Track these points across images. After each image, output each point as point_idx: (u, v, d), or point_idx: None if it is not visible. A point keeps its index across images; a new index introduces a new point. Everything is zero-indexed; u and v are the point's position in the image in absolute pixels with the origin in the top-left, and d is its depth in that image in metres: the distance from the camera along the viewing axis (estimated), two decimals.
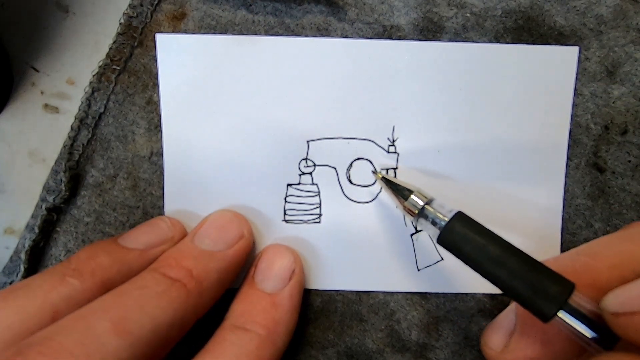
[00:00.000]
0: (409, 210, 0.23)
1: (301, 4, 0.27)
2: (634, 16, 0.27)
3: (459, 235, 0.21)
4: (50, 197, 0.26)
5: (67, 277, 0.22)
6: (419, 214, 0.23)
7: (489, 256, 0.20)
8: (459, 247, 0.21)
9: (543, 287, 0.19)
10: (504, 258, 0.20)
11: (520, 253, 0.20)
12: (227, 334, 0.23)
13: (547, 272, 0.19)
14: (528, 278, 0.19)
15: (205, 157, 0.27)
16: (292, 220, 0.27)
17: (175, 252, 0.24)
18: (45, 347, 0.18)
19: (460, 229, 0.21)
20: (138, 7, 0.26)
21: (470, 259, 0.21)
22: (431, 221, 0.22)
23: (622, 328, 0.17)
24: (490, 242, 0.20)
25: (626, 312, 0.17)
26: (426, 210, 0.23)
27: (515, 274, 0.19)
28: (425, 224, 0.23)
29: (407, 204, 0.23)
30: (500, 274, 0.20)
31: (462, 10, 0.27)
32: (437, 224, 0.22)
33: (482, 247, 0.20)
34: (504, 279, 0.20)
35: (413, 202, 0.23)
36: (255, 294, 0.25)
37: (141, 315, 0.20)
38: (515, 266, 0.20)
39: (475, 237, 0.21)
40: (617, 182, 0.27)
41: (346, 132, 0.27)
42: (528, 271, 0.19)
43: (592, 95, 0.27)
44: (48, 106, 0.28)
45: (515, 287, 0.19)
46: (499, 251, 0.20)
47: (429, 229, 0.23)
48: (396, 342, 0.28)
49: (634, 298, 0.17)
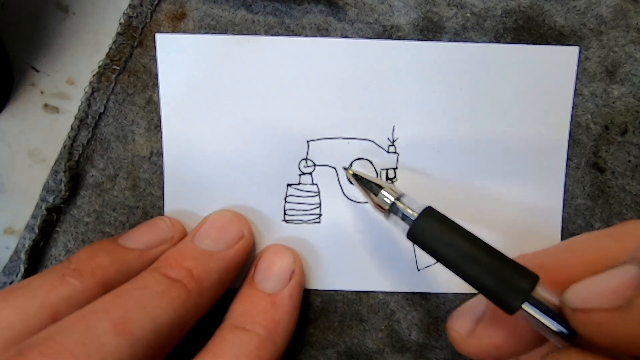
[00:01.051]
0: (379, 206, 0.23)
1: (301, 4, 0.27)
2: (634, 16, 0.27)
3: (428, 231, 0.21)
4: (50, 197, 0.26)
5: (67, 277, 0.22)
6: (390, 210, 0.23)
7: (456, 250, 0.20)
8: (427, 242, 0.21)
9: (508, 280, 0.19)
10: (471, 252, 0.20)
11: (487, 247, 0.20)
12: (227, 334, 0.23)
13: (513, 265, 0.20)
14: (494, 271, 0.19)
15: (205, 157, 0.27)
16: (292, 220, 0.27)
17: (175, 252, 0.24)
18: (46, 347, 0.18)
19: (429, 224, 0.21)
20: (138, 7, 0.26)
21: (438, 254, 0.21)
22: (401, 216, 0.22)
23: (578, 324, 0.17)
24: (458, 236, 0.21)
25: (584, 308, 0.17)
26: (396, 205, 0.23)
27: (482, 268, 0.20)
28: (396, 220, 0.23)
29: (377, 200, 0.23)
30: (468, 268, 0.20)
31: (462, 10, 0.27)
32: (407, 219, 0.22)
33: (450, 242, 0.20)
34: (471, 273, 0.20)
35: (383, 197, 0.23)
36: (255, 294, 0.25)
37: (142, 316, 0.20)
38: (482, 260, 0.20)
39: (444, 232, 0.21)
40: (617, 182, 0.27)
41: (346, 132, 0.27)
42: (494, 265, 0.19)
43: (592, 95, 0.27)
44: (48, 106, 0.28)
45: (482, 281, 0.20)
46: (466, 245, 0.20)
47: (399, 224, 0.23)
48: (396, 342, 0.28)
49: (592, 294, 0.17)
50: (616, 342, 0.16)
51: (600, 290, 0.16)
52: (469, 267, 0.20)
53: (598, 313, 0.16)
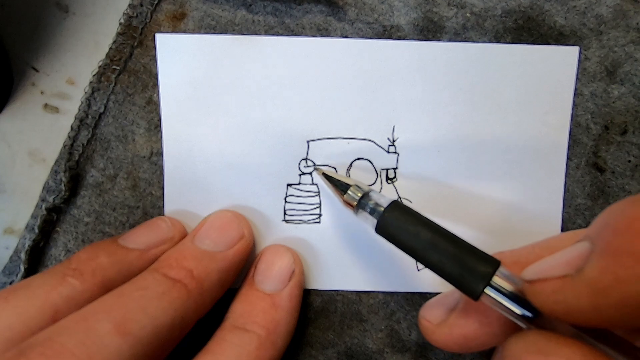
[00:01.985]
0: (348, 203, 0.24)
1: (301, 4, 0.27)
2: (634, 16, 0.27)
3: (394, 223, 0.22)
4: (50, 197, 0.26)
5: (68, 277, 0.22)
6: (358, 206, 0.24)
7: (421, 241, 0.21)
8: (394, 234, 0.22)
9: (470, 266, 0.20)
10: (435, 241, 0.21)
11: (451, 236, 0.21)
12: (227, 334, 0.23)
13: (475, 252, 0.20)
14: (457, 259, 0.20)
15: (205, 157, 0.27)
16: (292, 220, 0.27)
17: (175, 252, 0.24)
18: (47, 347, 0.18)
19: (395, 217, 0.22)
20: (138, 7, 0.26)
21: (405, 245, 0.22)
22: (369, 211, 0.23)
23: (535, 296, 0.17)
24: (423, 227, 0.21)
25: (539, 278, 0.17)
26: (364, 201, 0.23)
27: (446, 256, 0.20)
28: (365, 216, 0.23)
29: (346, 197, 0.24)
30: (432, 257, 0.21)
31: (462, 10, 0.27)
32: (375, 214, 0.23)
33: (415, 233, 0.21)
34: (436, 261, 0.21)
35: (351, 195, 0.24)
36: (255, 294, 0.25)
37: (142, 316, 0.20)
38: (445, 249, 0.20)
39: (409, 224, 0.22)
40: (617, 182, 0.27)
41: (346, 132, 0.27)
42: (458, 253, 0.20)
43: (592, 95, 0.27)
44: (48, 106, 0.28)
45: (446, 268, 0.20)
46: (430, 235, 0.21)
47: (368, 219, 0.23)
48: (396, 342, 0.28)
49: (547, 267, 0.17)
50: (568, 310, 0.16)
51: (554, 263, 0.17)
52: (433, 255, 0.21)
53: (551, 282, 0.17)
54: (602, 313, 0.15)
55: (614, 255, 0.15)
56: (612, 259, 0.15)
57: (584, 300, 0.16)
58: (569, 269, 0.16)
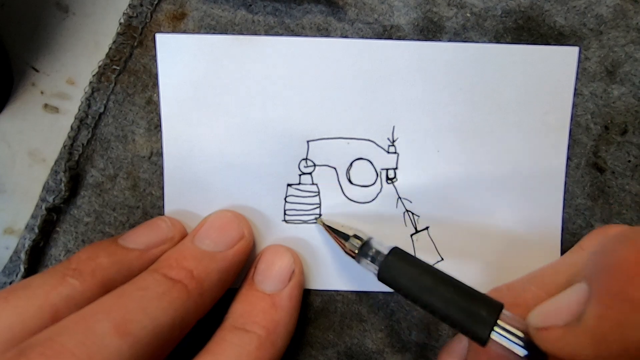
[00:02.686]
0: (350, 251, 0.24)
1: (301, 4, 0.27)
2: (634, 16, 0.27)
3: (395, 270, 0.22)
4: (50, 197, 0.26)
5: (67, 277, 0.22)
6: (359, 254, 0.24)
7: (423, 286, 0.21)
8: (396, 282, 0.22)
9: (474, 312, 0.20)
10: (436, 287, 0.21)
11: (452, 280, 0.21)
12: (227, 334, 0.23)
13: (478, 296, 0.20)
14: (460, 304, 0.20)
15: (205, 157, 0.27)
16: (292, 220, 0.27)
17: (175, 252, 0.24)
18: (47, 348, 0.18)
19: (396, 264, 0.22)
20: (138, 7, 0.26)
21: (407, 292, 0.22)
22: (370, 259, 0.24)
23: (543, 342, 0.18)
24: (423, 272, 0.22)
25: (545, 326, 0.18)
26: (365, 249, 0.24)
27: (449, 302, 0.20)
28: (367, 263, 0.24)
29: (348, 245, 0.25)
30: (436, 303, 0.21)
31: (462, 10, 0.27)
32: (376, 261, 0.23)
33: (416, 279, 0.21)
34: (439, 308, 0.21)
35: (352, 243, 0.24)
36: (255, 294, 0.25)
37: (142, 316, 0.20)
38: (447, 294, 0.21)
39: (410, 270, 0.22)
40: (617, 182, 0.27)
41: (346, 132, 0.27)
42: (459, 297, 0.20)
43: (592, 95, 0.27)
44: (48, 106, 0.28)
45: (451, 314, 0.20)
46: (432, 281, 0.21)
47: (370, 267, 0.24)
48: (396, 342, 0.28)
49: (550, 313, 0.18)
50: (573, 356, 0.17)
51: (555, 308, 0.18)
52: (437, 302, 0.21)
53: (555, 330, 0.17)
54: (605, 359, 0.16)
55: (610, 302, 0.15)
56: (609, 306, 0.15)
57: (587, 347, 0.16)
58: (570, 317, 0.17)
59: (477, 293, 0.20)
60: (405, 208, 0.27)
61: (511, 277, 0.24)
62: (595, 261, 0.17)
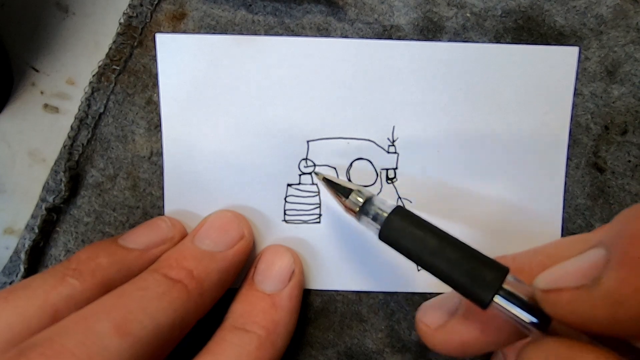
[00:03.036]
0: (350, 208, 0.23)
1: (301, 4, 0.27)
2: (634, 16, 0.27)
3: (398, 229, 0.21)
4: (50, 197, 0.26)
5: (67, 277, 0.22)
6: (360, 212, 0.23)
7: (427, 247, 0.20)
8: (398, 241, 0.21)
9: (478, 273, 0.19)
10: (441, 248, 0.20)
11: (457, 243, 0.20)
12: (227, 334, 0.23)
13: (483, 259, 0.20)
14: (465, 266, 0.19)
15: (205, 157, 0.27)
16: (292, 220, 0.27)
17: (175, 252, 0.24)
18: (47, 348, 0.18)
19: (399, 223, 0.21)
20: (138, 7, 0.26)
21: (409, 252, 0.21)
22: (372, 218, 0.22)
23: (550, 305, 0.17)
24: (428, 233, 0.21)
25: (554, 288, 0.17)
26: (366, 207, 0.23)
27: (453, 263, 0.20)
28: (367, 221, 0.23)
29: (347, 203, 0.23)
30: (439, 264, 0.20)
31: (462, 10, 0.27)
32: (378, 219, 0.22)
33: (420, 239, 0.21)
34: (442, 269, 0.20)
35: (353, 200, 0.23)
36: (255, 294, 0.25)
37: (142, 316, 0.20)
38: (452, 255, 0.20)
39: (414, 230, 0.21)
40: (617, 182, 0.27)
41: (346, 132, 0.27)
42: (465, 260, 0.20)
43: (592, 95, 0.27)
44: (48, 106, 0.28)
45: (453, 276, 0.20)
46: (436, 242, 0.20)
47: (371, 225, 0.22)
48: (396, 342, 0.28)
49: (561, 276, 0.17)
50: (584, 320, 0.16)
51: (569, 271, 0.17)
52: (439, 262, 0.20)
53: (567, 292, 0.16)
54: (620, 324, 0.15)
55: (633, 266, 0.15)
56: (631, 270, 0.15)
57: (602, 311, 0.15)
58: (585, 279, 0.16)
59: (483, 256, 0.20)
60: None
61: None
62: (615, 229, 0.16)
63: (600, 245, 0.16)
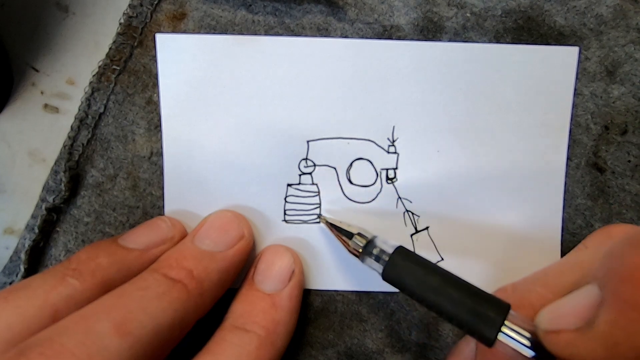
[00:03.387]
0: (354, 250, 0.24)
1: (301, 4, 0.27)
2: (634, 16, 0.27)
3: (401, 269, 0.22)
4: (50, 197, 0.26)
5: (67, 278, 0.22)
6: (363, 253, 0.24)
7: (430, 287, 0.21)
8: (401, 281, 0.22)
9: (481, 312, 0.20)
10: (443, 287, 0.21)
11: (459, 281, 0.21)
12: (227, 334, 0.23)
13: (484, 296, 0.20)
14: (467, 305, 0.20)
15: (205, 157, 0.27)
16: (292, 220, 0.27)
17: (175, 252, 0.24)
18: (47, 348, 0.18)
19: (401, 262, 0.22)
20: (138, 7, 0.26)
21: (412, 292, 0.21)
22: (374, 258, 0.23)
23: (552, 346, 0.18)
24: (430, 272, 0.21)
25: (554, 330, 0.18)
26: (369, 248, 0.24)
27: (456, 302, 0.20)
28: (371, 262, 0.24)
29: (352, 245, 0.24)
30: (442, 303, 0.20)
31: (462, 10, 0.27)
32: (381, 260, 0.23)
33: (422, 278, 0.21)
34: (446, 308, 0.20)
35: (356, 242, 0.24)
36: (255, 294, 0.25)
37: (142, 316, 0.20)
38: (454, 294, 0.20)
39: (416, 269, 0.22)
40: (617, 182, 0.27)
41: (346, 132, 0.27)
42: (467, 298, 0.20)
43: (592, 95, 0.27)
44: (48, 106, 0.28)
45: (457, 315, 0.20)
46: (438, 281, 0.21)
47: (374, 266, 0.23)
48: (396, 342, 0.28)
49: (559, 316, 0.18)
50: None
51: (565, 311, 0.18)
52: (443, 302, 0.20)
53: (565, 334, 0.17)
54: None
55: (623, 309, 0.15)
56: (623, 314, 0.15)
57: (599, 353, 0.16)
58: (580, 321, 0.17)
59: (484, 293, 0.20)
60: (405, 208, 0.27)
61: (511, 277, 0.24)
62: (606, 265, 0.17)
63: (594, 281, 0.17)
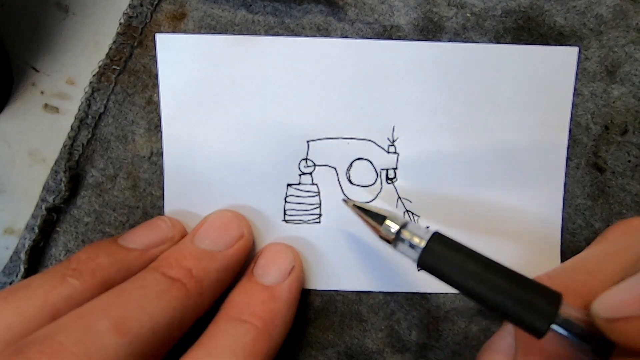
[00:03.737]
0: (385, 236, 0.22)
1: (301, 4, 0.27)
2: (634, 16, 0.27)
3: (439, 256, 0.20)
4: (50, 197, 0.26)
5: (67, 277, 0.22)
6: (396, 239, 0.22)
7: (471, 274, 0.19)
8: (439, 268, 0.20)
9: (531, 301, 0.18)
10: (486, 274, 0.19)
11: (502, 268, 0.19)
12: (223, 324, 0.23)
13: (532, 285, 0.19)
14: (514, 293, 0.18)
15: (205, 157, 0.27)
16: (292, 220, 0.27)
17: (175, 252, 0.24)
18: (45, 346, 0.18)
19: (439, 251, 0.20)
20: (138, 7, 0.26)
21: (453, 280, 0.20)
22: (408, 245, 0.21)
23: (618, 334, 0.16)
24: (470, 259, 0.20)
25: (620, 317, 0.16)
26: (402, 234, 0.22)
27: (500, 291, 0.19)
28: (404, 248, 0.22)
29: (382, 230, 0.22)
30: (485, 292, 0.19)
31: (462, 10, 0.27)
32: (415, 247, 0.21)
33: (463, 266, 0.20)
34: (490, 297, 0.19)
35: (388, 227, 0.22)
36: (254, 286, 0.24)
37: (141, 315, 0.20)
38: (499, 282, 0.19)
39: (455, 256, 0.20)
40: (617, 182, 0.27)
41: (346, 132, 0.27)
42: (513, 286, 0.19)
43: (592, 95, 0.27)
44: (48, 106, 0.28)
45: (503, 304, 0.19)
46: (480, 268, 0.19)
47: (409, 252, 0.22)
48: (396, 342, 0.28)
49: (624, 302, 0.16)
50: None
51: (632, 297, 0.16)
52: (487, 290, 0.19)
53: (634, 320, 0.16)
54: None
55: None
56: None
57: None
58: None
59: (532, 281, 0.19)
60: (405, 208, 0.27)
61: None
62: None
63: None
